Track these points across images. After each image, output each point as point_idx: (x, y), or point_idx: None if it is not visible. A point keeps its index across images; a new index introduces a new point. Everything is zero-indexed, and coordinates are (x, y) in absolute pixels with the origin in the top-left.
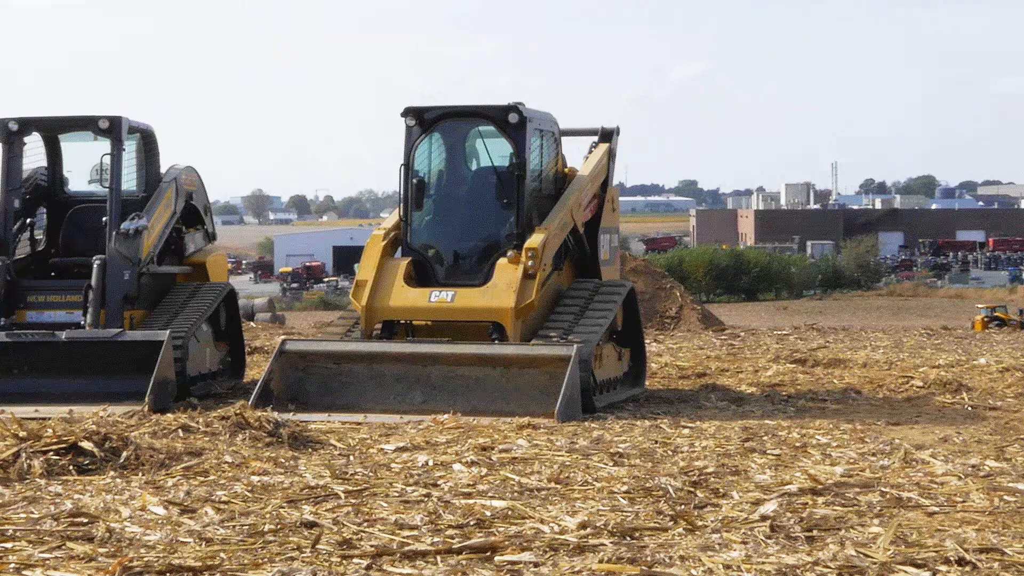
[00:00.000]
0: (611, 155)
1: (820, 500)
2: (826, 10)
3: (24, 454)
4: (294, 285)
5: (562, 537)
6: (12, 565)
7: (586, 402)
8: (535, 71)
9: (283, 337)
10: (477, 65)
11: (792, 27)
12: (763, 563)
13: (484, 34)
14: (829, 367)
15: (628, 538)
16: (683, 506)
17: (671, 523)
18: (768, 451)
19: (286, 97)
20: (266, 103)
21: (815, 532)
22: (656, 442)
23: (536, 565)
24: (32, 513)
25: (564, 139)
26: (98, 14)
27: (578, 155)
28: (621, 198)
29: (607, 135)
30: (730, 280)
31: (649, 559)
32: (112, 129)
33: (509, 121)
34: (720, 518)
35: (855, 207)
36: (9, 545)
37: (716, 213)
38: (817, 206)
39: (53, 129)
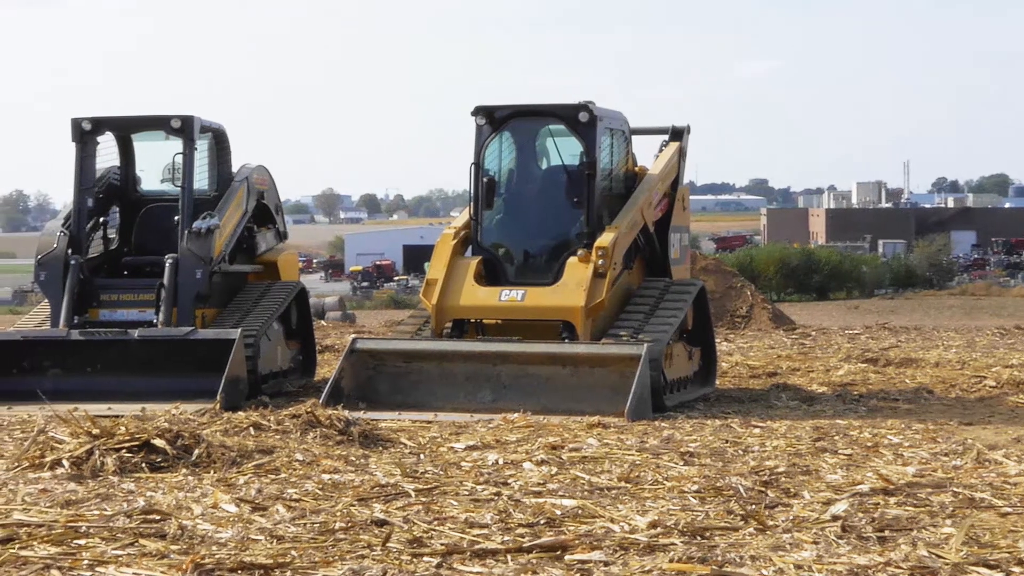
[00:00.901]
0: (682, 153)
1: (892, 500)
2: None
3: (97, 451)
4: (364, 284)
5: (632, 536)
6: (86, 561)
7: (656, 401)
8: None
9: (354, 335)
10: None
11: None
12: (834, 563)
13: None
14: (901, 366)
15: (698, 537)
16: (754, 506)
17: (742, 523)
18: (839, 451)
19: (357, 96)
20: (337, 103)
21: (887, 532)
22: (727, 441)
23: (606, 564)
24: (105, 510)
25: (634, 138)
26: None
27: (648, 154)
28: (691, 197)
29: (678, 133)
30: (801, 279)
31: (719, 559)
32: (184, 128)
33: (579, 120)
34: (791, 518)
35: (927, 206)
36: (83, 542)
37: (787, 212)
38: (889, 205)
39: (126, 129)
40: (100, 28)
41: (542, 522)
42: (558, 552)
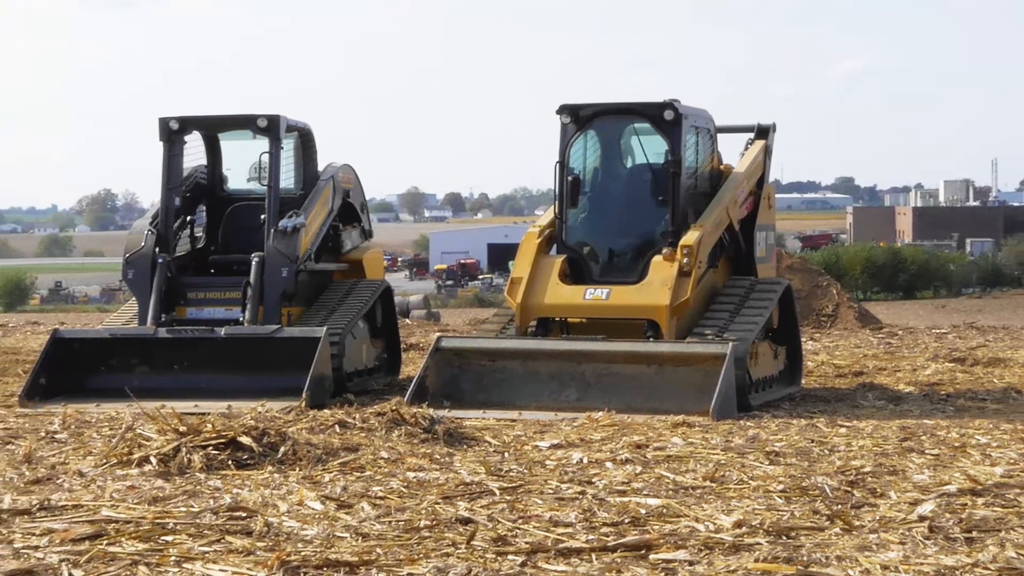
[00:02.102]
0: (767, 152)
1: (980, 501)
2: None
3: (184, 448)
4: (449, 282)
5: (717, 536)
6: (173, 558)
7: (741, 400)
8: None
9: (438, 334)
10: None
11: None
12: (921, 564)
13: (635, 31)
14: (989, 366)
15: (784, 537)
16: (840, 506)
17: (827, 523)
18: (926, 451)
19: (441, 95)
20: (421, 101)
21: (974, 533)
22: (812, 441)
23: (691, 564)
24: (192, 507)
25: (720, 136)
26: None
27: (734, 152)
28: (777, 195)
29: (763, 131)
30: (887, 278)
31: (805, 559)
32: (270, 128)
33: (664, 118)
34: (877, 518)
35: (1016, 204)
36: (170, 538)
37: (873, 210)
38: (976, 203)
39: (213, 128)
40: (189, 30)
41: (626, 521)
42: (642, 551)
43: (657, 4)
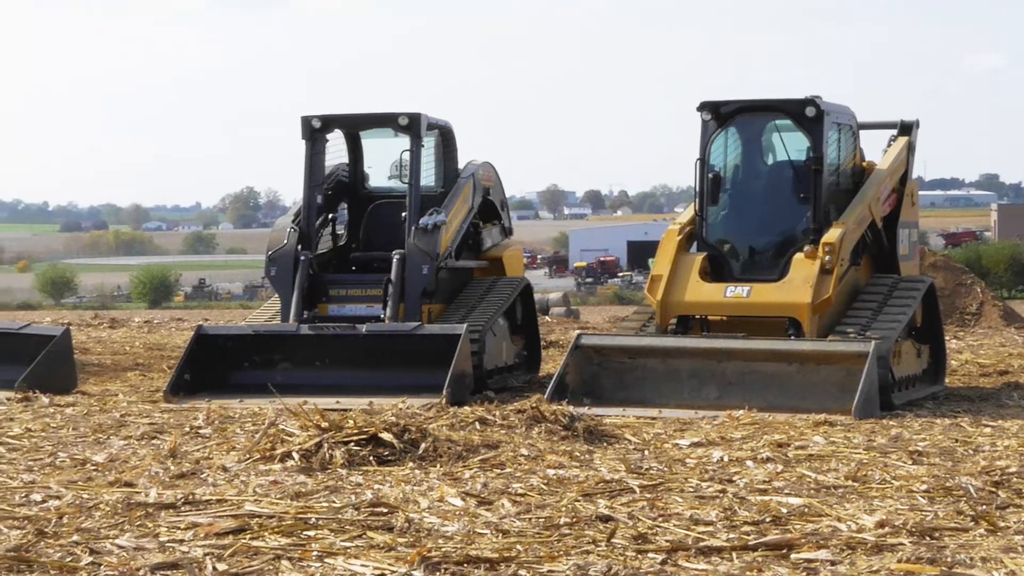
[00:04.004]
0: (910, 148)
1: None
2: None
3: (326, 444)
4: (588, 280)
5: (859, 536)
6: (315, 553)
7: (884, 399)
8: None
9: (578, 331)
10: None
11: None
12: None
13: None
14: None
15: (927, 538)
16: (984, 506)
17: (972, 523)
18: None
19: (581, 93)
20: (561, 99)
21: None
22: (956, 441)
23: (833, 563)
24: (334, 502)
25: (862, 132)
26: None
27: (877, 149)
28: (920, 192)
29: (906, 128)
30: None
31: (949, 560)
32: (412, 126)
33: (806, 115)
34: (1023, 519)
35: None
36: (312, 533)
37: (1018, 208)
38: None
39: (354, 126)
40: (330, 29)
41: (767, 520)
42: (784, 551)
43: (791, 1)
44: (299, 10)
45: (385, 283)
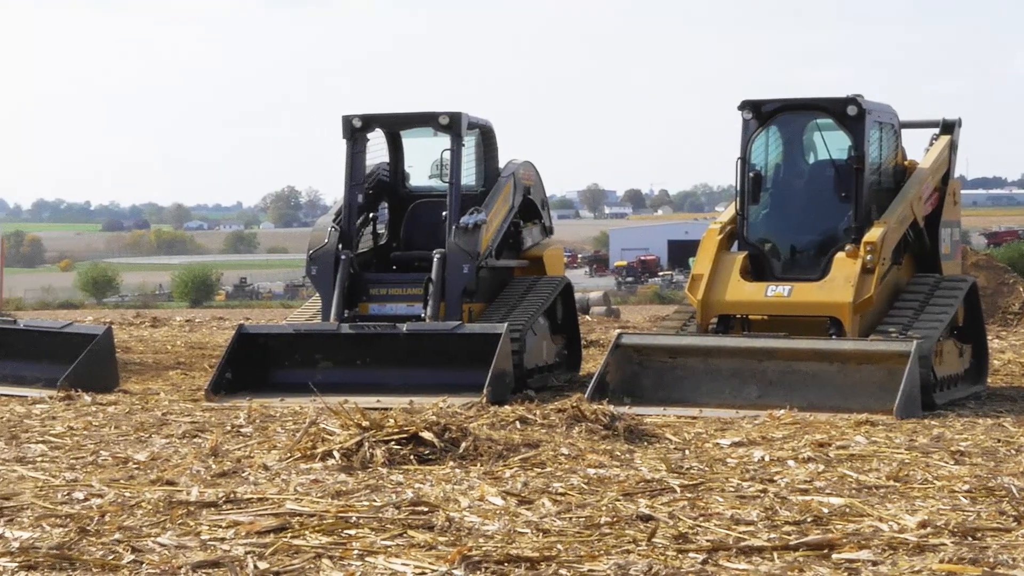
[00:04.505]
0: (952, 147)
1: None
2: None
3: (367, 443)
4: (629, 279)
5: (901, 536)
6: (356, 551)
7: (926, 399)
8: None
9: (619, 330)
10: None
11: None
12: None
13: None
14: None
15: (969, 538)
16: None
17: (1014, 524)
18: None
19: (622, 92)
20: (602, 98)
21: None
22: (999, 441)
23: (874, 564)
24: (374, 501)
25: (904, 131)
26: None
27: (918, 148)
28: (962, 191)
29: (948, 127)
30: None
31: (991, 560)
32: (452, 125)
33: (848, 113)
34: None
35: None
36: (353, 532)
37: None
38: None
39: (395, 125)
40: (371, 26)
41: (809, 520)
42: (825, 551)
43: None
44: (342, 8)
45: (426, 282)
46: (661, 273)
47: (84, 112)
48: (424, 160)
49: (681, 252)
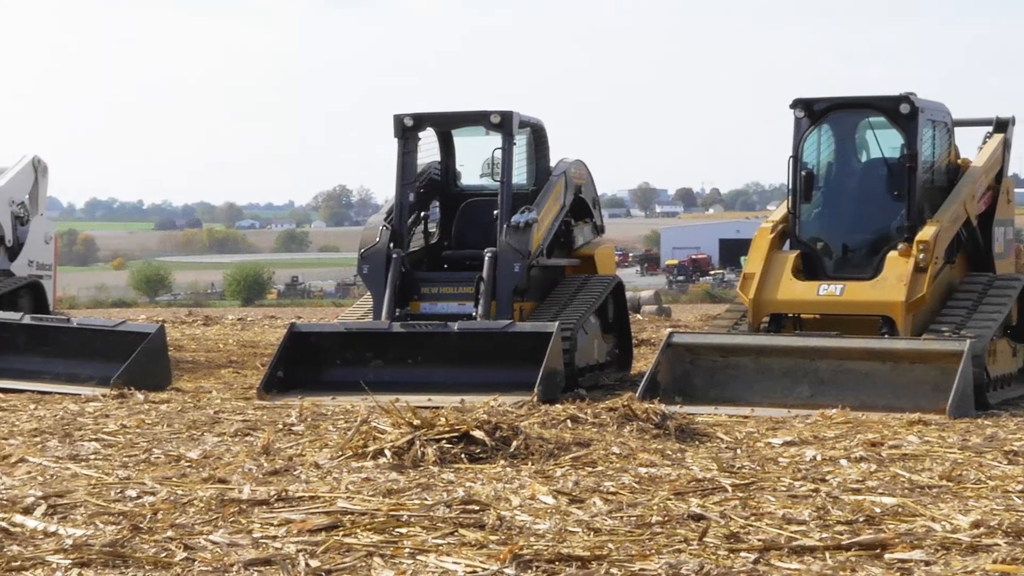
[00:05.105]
0: (1006, 145)
1: None
2: None
3: (418, 442)
4: (680, 278)
5: (954, 536)
6: (407, 549)
7: (979, 399)
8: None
9: (670, 329)
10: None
11: None
12: None
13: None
14: None
15: (1023, 539)
16: None
17: None
18: None
19: (673, 90)
20: (653, 96)
21: None
22: None
23: (927, 564)
24: (426, 499)
25: (957, 130)
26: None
27: (972, 146)
28: (1016, 189)
29: (1002, 125)
30: None
31: None
32: (503, 124)
33: (900, 112)
34: None
35: None
36: (404, 530)
37: None
38: None
39: (446, 124)
40: (424, 26)
41: (861, 520)
42: (877, 551)
43: None
44: (392, 8)
45: (477, 281)
46: (712, 272)
47: (138, 111)
48: (475, 159)
49: (732, 251)
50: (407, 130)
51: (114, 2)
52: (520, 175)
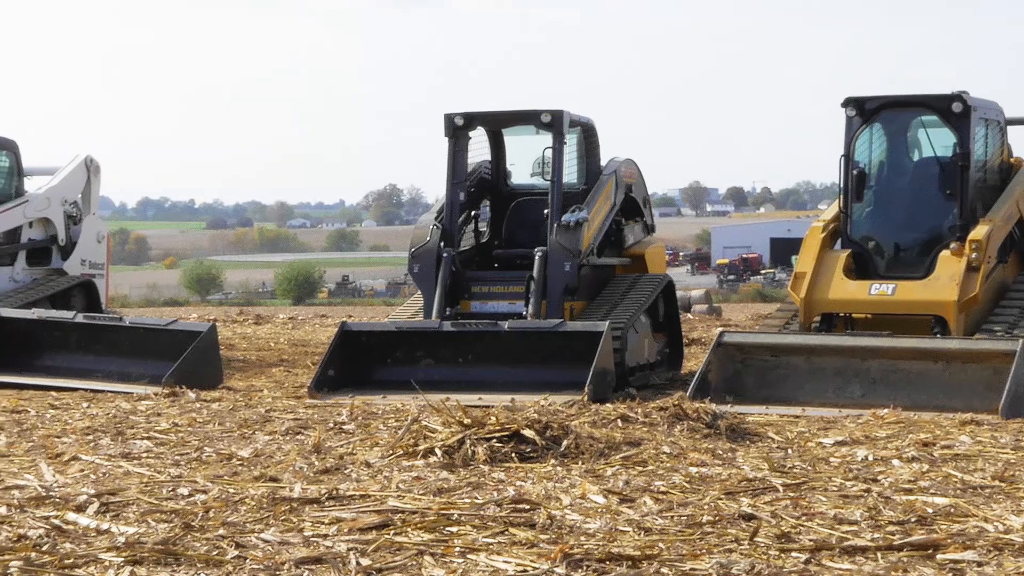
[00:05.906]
0: None
1: None
2: None
3: (469, 441)
4: (731, 277)
5: (1007, 537)
6: (457, 548)
7: None
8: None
9: (721, 329)
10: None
11: None
12: None
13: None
14: None
15: None
16: None
17: None
18: None
19: (724, 89)
20: (704, 95)
21: None
22: None
23: (979, 565)
24: (476, 499)
25: (1010, 128)
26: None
27: None
28: None
29: None
30: None
31: None
32: (554, 123)
33: (953, 110)
34: None
35: None
36: (454, 529)
37: None
38: None
39: (497, 123)
40: (473, 26)
41: (913, 520)
42: (929, 551)
43: None
44: (443, 7)
45: (527, 280)
46: (763, 271)
47: (189, 111)
48: (526, 158)
49: (783, 250)
50: (458, 129)
51: (170, 1)
52: (571, 174)
